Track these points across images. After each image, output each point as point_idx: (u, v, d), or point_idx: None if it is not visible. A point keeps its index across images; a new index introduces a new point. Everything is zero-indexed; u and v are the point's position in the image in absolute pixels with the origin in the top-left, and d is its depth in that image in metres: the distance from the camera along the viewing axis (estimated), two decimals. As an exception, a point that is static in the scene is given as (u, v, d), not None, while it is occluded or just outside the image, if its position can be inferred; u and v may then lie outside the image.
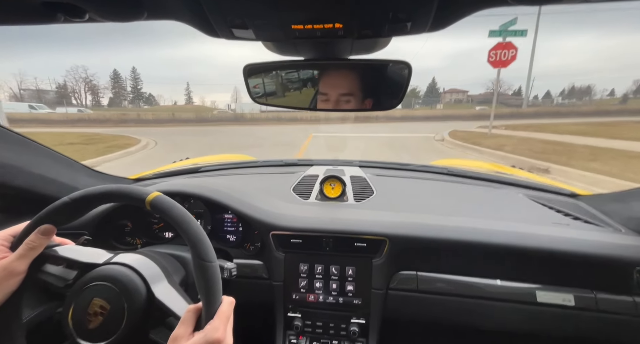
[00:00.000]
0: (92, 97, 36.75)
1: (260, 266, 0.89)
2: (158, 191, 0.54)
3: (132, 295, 0.52)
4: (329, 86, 0.63)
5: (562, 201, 1.08)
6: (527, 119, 19.42)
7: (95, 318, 0.50)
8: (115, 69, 40.55)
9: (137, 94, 41.05)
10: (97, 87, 37.49)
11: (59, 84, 34.25)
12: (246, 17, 0.44)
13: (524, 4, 0.38)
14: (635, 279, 0.74)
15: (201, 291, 0.48)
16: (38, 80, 33.55)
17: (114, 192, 0.53)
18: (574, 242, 0.77)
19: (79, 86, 34.74)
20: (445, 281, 0.82)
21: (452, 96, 53.48)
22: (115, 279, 0.53)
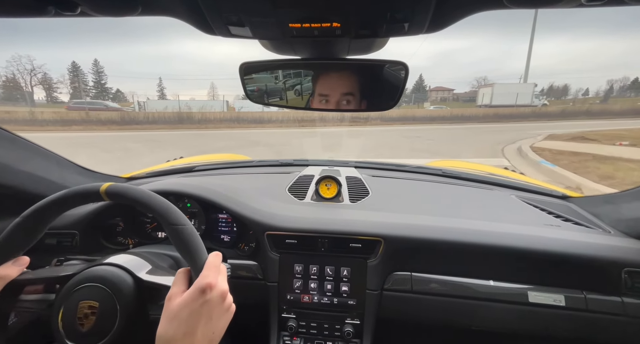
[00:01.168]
0: (46, 93, 32.28)
1: (254, 267, 0.88)
2: (151, 190, 0.53)
3: (119, 288, 0.51)
4: (329, 86, 0.62)
5: (553, 202, 1.10)
6: (543, 121, 17.15)
7: (87, 320, 0.49)
8: (74, 61, 35.56)
9: (102, 89, 37.26)
10: (51, 81, 32.40)
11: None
12: (243, 15, 0.43)
13: (520, 7, 0.38)
14: (623, 279, 0.75)
15: (183, 254, 0.48)
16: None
17: (67, 197, 0.52)
18: (564, 244, 0.79)
19: (24, 79, 29.71)
20: (439, 282, 0.82)
21: (437, 94, 52.64)
22: (102, 278, 0.52)
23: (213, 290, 0.42)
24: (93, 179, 1.10)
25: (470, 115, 19.87)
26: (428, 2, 0.39)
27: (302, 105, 0.66)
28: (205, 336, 0.40)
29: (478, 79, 48.48)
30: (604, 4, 0.35)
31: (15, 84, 29.55)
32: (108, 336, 0.48)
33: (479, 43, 77.20)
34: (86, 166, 1.10)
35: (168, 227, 0.49)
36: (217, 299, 0.42)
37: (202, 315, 0.40)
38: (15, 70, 29.61)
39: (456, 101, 47.68)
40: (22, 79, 30.13)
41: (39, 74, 30.92)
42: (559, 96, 50.99)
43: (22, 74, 30.00)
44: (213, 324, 0.41)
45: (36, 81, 31.28)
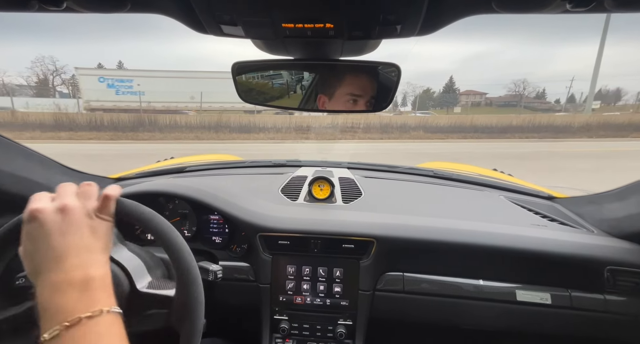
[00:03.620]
0: (70, 93, 31.78)
1: (246, 268, 0.87)
2: (139, 191, 0.52)
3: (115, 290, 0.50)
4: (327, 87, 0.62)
5: (540, 203, 1.13)
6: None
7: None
8: (100, 62, 35.67)
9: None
10: (76, 81, 33.97)
11: (30, 77, 29.71)
12: (236, 14, 0.43)
13: (507, 13, 0.39)
14: (606, 277, 0.78)
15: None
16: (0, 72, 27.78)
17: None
18: (550, 243, 0.81)
19: (47, 79, 30.16)
20: (431, 282, 0.83)
21: (468, 97, 45.63)
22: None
23: (42, 214, 0.39)
24: (79, 179, 1.07)
25: (563, 124, 13.69)
26: (420, 5, 0.40)
27: (294, 105, 0.66)
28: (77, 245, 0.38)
29: (516, 82, 42.88)
30: (587, 11, 0.36)
31: (46, 84, 30.10)
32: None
33: (510, 46, 73.76)
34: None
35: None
36: (54, 218, 0.39)
37: (39, 244, 0.38)
38: (39, 71, 30.10)
39: (489, 105, 42.84)
40: (49, 78, 30.87)
41: (62, 74, 31.18)
42: (610, 101, 42.53)
43: (46, 74, 30.67)
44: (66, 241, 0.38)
45: (59, 81, 31.49)
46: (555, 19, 17.31)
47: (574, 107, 31.96)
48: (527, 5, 0.37)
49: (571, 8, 0.35)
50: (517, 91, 40.65)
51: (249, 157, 1.60)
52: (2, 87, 25.59)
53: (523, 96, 39.47)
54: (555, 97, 44.63)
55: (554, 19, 22.74)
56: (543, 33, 72.43)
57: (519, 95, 39.84)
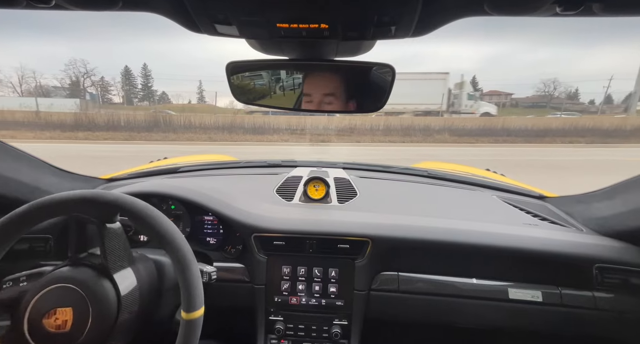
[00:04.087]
0: (100, 94, 33.95)
1: (241, 269, 0.87)
2: (132, 192, 0.51)
3: (95, 294, 0.50)
4: (312, 86, 0.62)
5: (531, 202, 1.15)
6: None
7: (55, 322, 0.46)
8: (127, 65, 36.89)
9: (148, 92, 38.14)
10: (107, 84, 34.75)
11: (63, 79, 31.44)
12: (230, 13, 0.43)
13: (499, 15, 0.40)
14: (594, 275, 0.80)
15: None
16: (37, 74, 29.59)
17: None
18: (541, 242, 0.83)
19: (80, 81, 31.88)
20: (425, 281, 0.84)
21: (492, 98, 40.77)
22: (78, 281, 0.50)
23: None
24: (69, 180, 1.05)
25: (613, 128, 11.39)
26: (414, 7, 0.40)
27: (289, 106, 0.66)
28: None
29: (545, 82, 38.91)
30: (576, 14, 0.37)
31: (77, 86, 31.89)
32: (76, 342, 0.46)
33: (537, 44, 69.88)
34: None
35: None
36: None
37: None
38: (72, 73, 31.72)
39: (515, 107, 38.63)
40: (80, 80, 32.70)
41: (92, 76, 32.64)
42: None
43: (78, 77, 32.29)
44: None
45: (89, 83, 33.14)
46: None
47: (611, 108, 28.28)
48: (518, 8, 0.38)
49: (561, 11, 0.36)
50: (547, 91, 37.53)
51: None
52: (40, 88, 27.52)
53: (553, 96, 36.63)
54: (590, 98, 39.32)
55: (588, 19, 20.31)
56: (574, 31, 67.08)
57: (549, 95, 37.03)
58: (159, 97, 40.60)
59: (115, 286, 0.52)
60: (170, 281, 0.67)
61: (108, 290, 0.51)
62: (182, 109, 16.57)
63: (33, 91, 27.07)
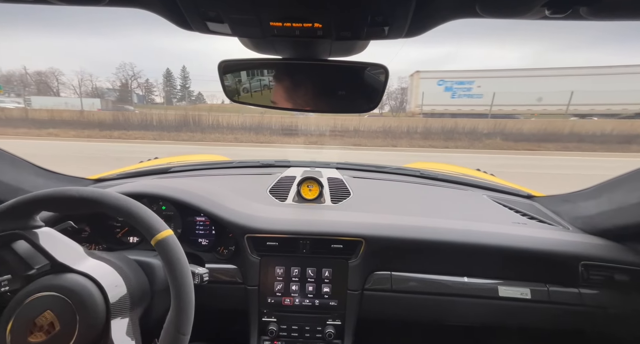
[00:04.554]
0: (145, 95, 36.95)
1: (234, 270, 0.86)
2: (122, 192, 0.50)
3: (85, 304, 0.47)
4: (305, 85, 0.62)
5: (520, 201, 1.17)
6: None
7: (40, 335, 0.44)
8: (168, 68, 39.64)
9: (186, 92, 39.63)
10: (151, 85, 37.52)
11: (115, 81, 33.73)
12: (222, 11, 0.42)
13: (491, 17, 0.41)
14: (580, 272, 0.82)
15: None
16: (93, 77, 33.10)
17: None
18: (530, 240, 0.84)
19: (129, 83, 34.49)
20: (418, 280, 0.85)
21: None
22: (67, 290, 0.47)
23: None
24: (53, 180, 1.02)
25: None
26: (407, 7, 0.40)
27: (282, 105, 0.65)
28: None
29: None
30: (564, 18, 0.38)
31: (126, 87, 34.17)
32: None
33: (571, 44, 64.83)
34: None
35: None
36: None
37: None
38: (121, 76, 34.05)
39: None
40: (129, 82, 35.27)
41: (138, 78, 35.30)
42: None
43: (127, 79, 34.80)
44: None
45: (136, 85, 35.65)
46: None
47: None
48: (509, 11, 0.39)
49: (550, 14, 0.37)
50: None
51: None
52: (95, 90, 30.48)
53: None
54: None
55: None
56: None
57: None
58: (195, 97, 42.22)
59: (87, 276, 0.50)
60: (160, 283, 0.65)
61: (79, 281, 0.49)
62: (209, 108, 16.32)
63: (90, 92, 29.94)
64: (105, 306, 0.50)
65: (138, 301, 0.57)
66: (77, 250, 0.55)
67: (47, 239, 0.52)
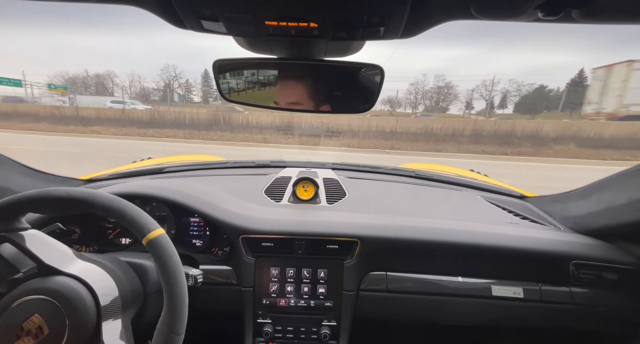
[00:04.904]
0: (184, 95, 39.44)
1: (228, 272, 0.85)
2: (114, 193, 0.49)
3: (75, 309, 0.46)
4: (301, 85, 0.62)
5: (513, 202, 1.19)
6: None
7: (27, 339, 0.43)
8: (206, 69, 40.54)
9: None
10: (190, 85, 39.90)
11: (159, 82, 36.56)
12: (217, 9, 0.41)
13: (484, 19, 0.41)
14: (571, 271, 0.83)
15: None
16: (142, 78, 36.23)
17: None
18: (522, 240, 0.86)
19: (171, 84, 37.54)
20: (413, 280, 0.85)
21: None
22: (56, 293, 0.46)
23: None
24: (42, 180, 0.99)
25: None
26: (403, 8, 0.40)
27: (280, 106, 0.65)
28: None
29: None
30: (556, 21, 0.38)
31: (168, 87, 36.50)
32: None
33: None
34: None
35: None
36: None
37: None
38: (164, 77, 36.91)
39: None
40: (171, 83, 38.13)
41: (180, 79, 37.83)
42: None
43: (169, 80, 37.71)
44: None
45: (177, 85, 38.14)
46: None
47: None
48: (503, 13, 0.39)
49: (542, 16, 0.37)
50: None
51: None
52: (143, 90, 33.67)
53: None
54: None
55: None
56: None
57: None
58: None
59: (77, 278, 0.49)
60: (153, 286, 0.64)
61: (69, 284, 0.48)
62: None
63: (138, 92, 32.88)
64: (96, 309, 0.48)
65: (130, 303, 0.56)
66: (66, 252, 0.53)
67: (33, 241, 0.50)
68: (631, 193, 0.79)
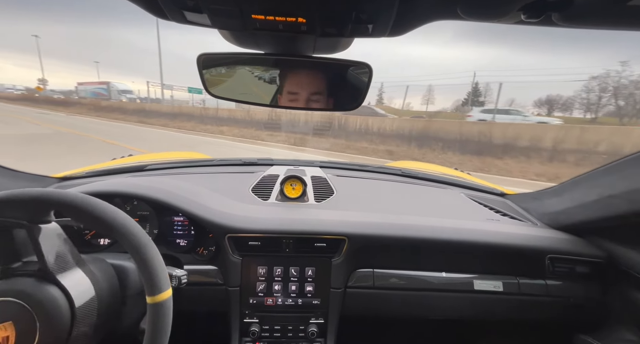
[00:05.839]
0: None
1: (214, 272, 0.83)
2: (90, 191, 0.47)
3: (48, 314, 0.44)
4: (288, 82, 0.61)
5: (494, 199, 1.24)
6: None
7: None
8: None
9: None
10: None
11: None
12: (201, 0, 0.40)
13: (471, 20, 0.42)
14: (547, 265, 0.88)
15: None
16: None
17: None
18: (502, 236, 0.89)
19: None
20: (399, 276, 0.87)
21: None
22: (26, 296, 0.43)
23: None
24: (16, 179, 0.93)
25: None
26: (390, 6, 0.40)
27: (266, 102, 0.64)
28: None
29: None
30: (537, 23, 0.40)
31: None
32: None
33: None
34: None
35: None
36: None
37: None
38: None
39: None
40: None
41: None
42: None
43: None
44: None
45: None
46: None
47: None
48: (488, 13, 0.40)
49: (525, 19, 0.38)
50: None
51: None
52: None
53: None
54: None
55: None
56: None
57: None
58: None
59: (65, 291, 0.46)
60: (134, 288, 0.61)
61: (56, 297, 0.45)
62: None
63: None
64: (70, 308, 0.46)
65: (105, 309, 0.53)
66: (69, 258, 0.51)
67: (48, 237, 0.48)
68: (601, 191, 0.84)
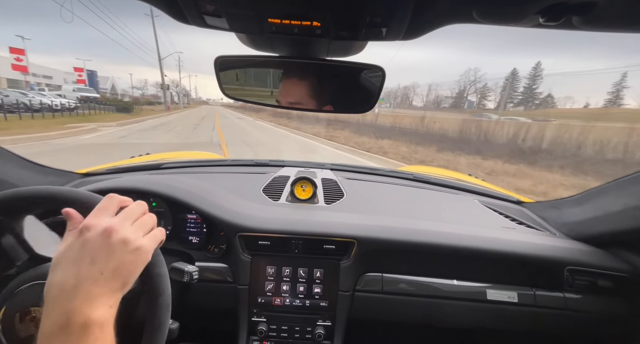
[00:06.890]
0: (479, 100, 34.12)
1: (224, 269, 0.85)
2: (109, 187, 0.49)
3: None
4: (304, 85, 0.62)
5: (509, 207, 1.20)
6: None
7: (29, 325, 0.43)
8: (515, 67, 36.28)
9: (529, 94, 31.90)
10: (488, 90, 35.99)
11: (454, 89, 33.69)
12: (220, 4, 0.41)
13: (487, 23, 0.41)
14: (565, 277, 0.84)
15: None
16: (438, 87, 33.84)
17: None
18: (518, 245, 0.86)
19: (466, 89, 34.27)
20: (408, 282, 0.85)
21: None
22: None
23: (90, 230, 0.39)
24: (40, 173, 0.98)
25: None
26: (406, 10, 0.41)
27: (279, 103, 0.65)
28: (91, 277, 0.37)
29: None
30: (557, 27, 0.39)
31: (462, 93, 33.26)
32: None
33: None
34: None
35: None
36: (98, 238, 0.38)
37: (82, 257, 0.37)
38: (461, 83, 34.22)
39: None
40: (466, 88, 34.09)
41: (477, 83, 34.93)
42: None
43: (465, 85, 34.81)
44: (99, 265, 0.37)
45: (473, 90, 34.92)
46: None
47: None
48: (505, 17, 0.39)
49: (543, 22, 0.38)
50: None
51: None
52: (436, 97, 32.92)
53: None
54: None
55: None
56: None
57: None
58: (540, 101, 33.67)
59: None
60: None
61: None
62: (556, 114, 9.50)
63: (432, 100, 32.09)
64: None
65: None
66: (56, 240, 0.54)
67: (30, 228, 0.51)
68: (627, 201, 0.80)
